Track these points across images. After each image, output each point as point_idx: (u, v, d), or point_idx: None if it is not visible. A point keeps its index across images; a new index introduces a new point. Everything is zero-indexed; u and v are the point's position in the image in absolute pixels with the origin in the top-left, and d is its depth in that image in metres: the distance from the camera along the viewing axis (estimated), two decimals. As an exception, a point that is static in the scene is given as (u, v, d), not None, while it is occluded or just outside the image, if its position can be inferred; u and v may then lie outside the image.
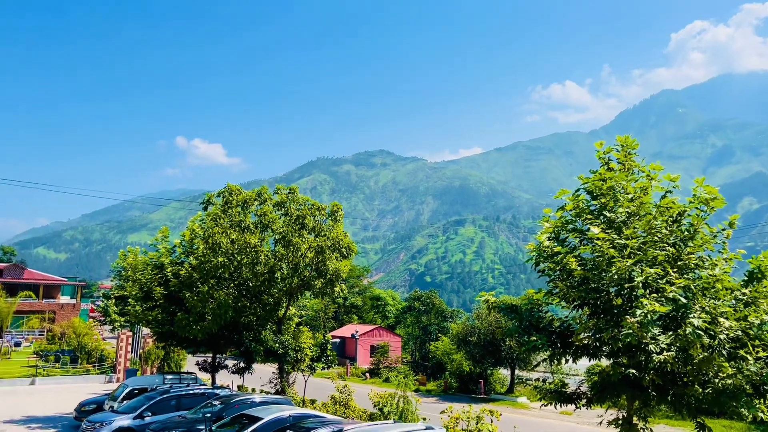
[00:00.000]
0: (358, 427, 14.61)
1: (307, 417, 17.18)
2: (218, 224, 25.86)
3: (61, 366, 44.46)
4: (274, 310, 27.78)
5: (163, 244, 30.82)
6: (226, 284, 27.14)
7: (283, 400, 21.51)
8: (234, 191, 26.99)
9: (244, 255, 25.86)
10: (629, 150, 12.58)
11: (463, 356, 45.69)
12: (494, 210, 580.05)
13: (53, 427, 24.66)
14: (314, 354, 28.09)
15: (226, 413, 19.06)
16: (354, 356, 63.95)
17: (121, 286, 42.91)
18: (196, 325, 25.99)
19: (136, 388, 24.76)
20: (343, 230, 27.41)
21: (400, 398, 21.40)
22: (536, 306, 13.63)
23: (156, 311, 27.91)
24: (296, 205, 27.20)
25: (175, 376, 27.62)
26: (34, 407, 29.58)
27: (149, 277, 28.93)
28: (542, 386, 13.95)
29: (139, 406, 21.17)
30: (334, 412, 23.32)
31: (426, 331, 65.81)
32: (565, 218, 12.84)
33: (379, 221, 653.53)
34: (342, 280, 27.51)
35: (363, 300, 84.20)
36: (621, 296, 11.46)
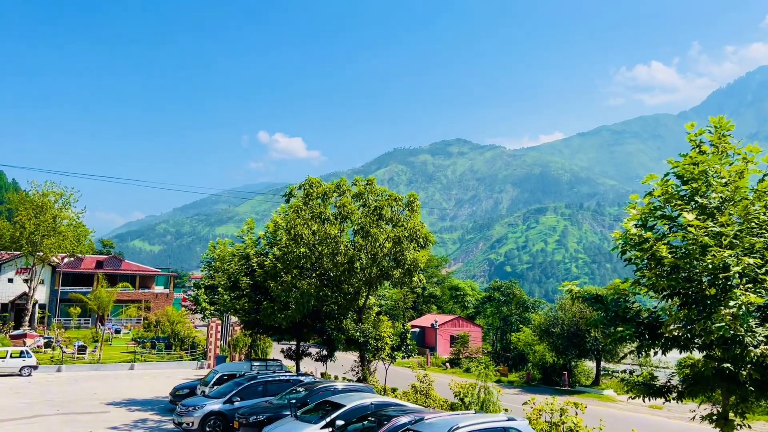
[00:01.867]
0: (439, 416, 14.65)
1: (388, 405, 17.39)
2: (300, 216, 26.51)
3: (157, 352, 47.11)
4: (354, 299, 28.23)
5: (249, 236, 32.00)
6: (308, 274, 27.82)
7: (365, 387, 21.85)
8: (314, 184, 27.56)
9: (325, 245, 26.39)
10: (723, 131, 11.84)
11: (545, 347, 44.80)
12: (577, 197, 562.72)
13: (151, 409, 26.21)
14: (394, 343, 28.33)
15: (310, 399, 19.59)
16: (434, 346, 64.04)
17: (210, 276, 44.80)
18: (281, 314, 26.82)
19: (226, 374, 25.85)
20: (420, 220, 27.40)
21: (481, 389, 21.28)
22: (623, 296, 13.12)
23: (243, 300, 29.04)
24: (374, 197, 27.44)
25: (262, 362, 28.62)
26: (133, 390, 31.54)
27: (236, 268, 30.14)
28: (629, 378, 13.48)
29: (229, 392, 22.09)
30: (414, 400, 23.48)
31: (507, 322, 64.98)
32: (653, 204, 12.26)
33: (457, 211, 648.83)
34: (420, 270, 27.53)
35: (442, 290, 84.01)
36: (715, 286, 10.85)
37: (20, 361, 36.20)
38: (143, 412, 25.54)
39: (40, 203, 55.24)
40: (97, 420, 23.27)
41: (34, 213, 54.39)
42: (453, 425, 12.70)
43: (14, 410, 24.82)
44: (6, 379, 34.16)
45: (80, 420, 23.22)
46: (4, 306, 64.26)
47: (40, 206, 55.01)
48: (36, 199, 55.76)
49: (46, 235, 54.58)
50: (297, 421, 17.33)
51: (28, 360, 36.56)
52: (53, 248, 55.53)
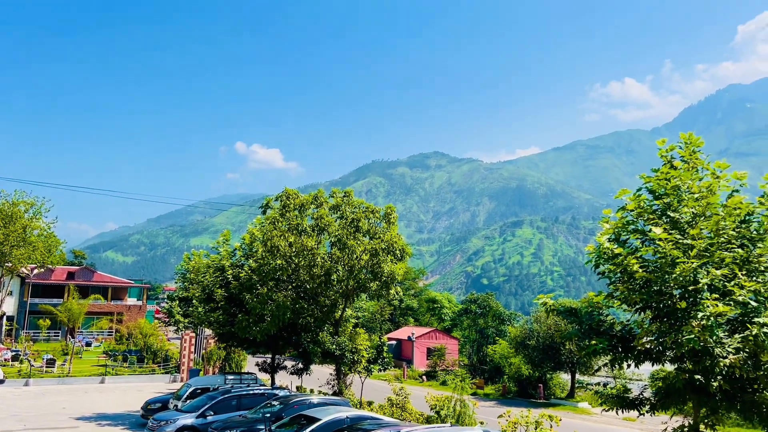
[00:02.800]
0: (414, 429, 14.59)
1: (364, 419, 17.27)
2: (276, 228, 26.38)
3: (129, 365, 46.26)
4: (330, 311, 28.10)
5: (224, 248, 31.71)
6: (284, 286, 27.64)
7: (341, 401, 21.71)
8: (291, 195, 27.47)
9: (302, 258, 26.27)
10: (694, 147, 12.11)
11: (521, 360, 44.98)
12: (553, 211, 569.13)
13: (122, 424, 25.68)
14: (370, 356, 28.23)
15: (285, 413, 19.39)
16: (410, 358, 63.89)
17: (184, 288, 44.27)
18: (256, 327, 26.57)
19: (199, 388, 25.49)
20: (398, 232, 27.45)
21: (456, 402, 21.27)
22: (596, 309, 13.27)
23: (217, 313, 28.70)
24: (351, 208, 27.45)
25: (236, 376, 28.29)
26: (103, 405, 30.90)
27: (211, 280, 29.79)
28: (603, 391, 13.63)
29: (202, 406, 21.79)
30: (390, 414, 23.38)
31: (483, 334, 65.14)
32: (626, 219, 12.48)
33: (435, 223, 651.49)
34: (397, 282, 27.54)
35: (419, 302, 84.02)
36: (685, 299, 11.04)
37: (-14, 374, 35.27)
38: (114, 427, 25.01)
39: (9, 213, 54.03)
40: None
41: (4, 223, 53.15)
42: (428, 438, 12.66)
43: (-21, 426, 24.14)
44: (-29, 394, 33.25)
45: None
46: (-29, 318, 62.63)
47: (9, 216, 53.80)
48: (5, 208, 54.51)
49: (16, 245, 53.38)
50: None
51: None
52: (23, 259, 54.34)
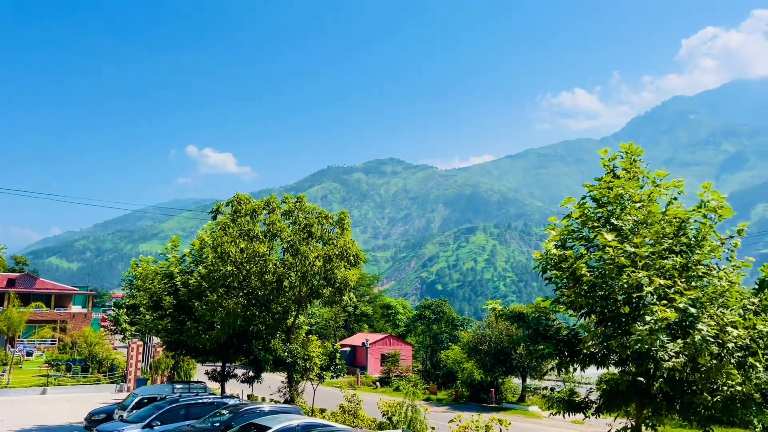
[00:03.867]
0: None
1: (315, 426, 17.15)
2: (227, 233, 25.98)
3: (72, 375, 44.65)
4: (283, 318, 27.81)
5: (173, 254, 30.99)
6: (235, 293, 27.20)
7: (292, 409, 21.48)
8: (243, 200, 27.11)
9: (253, 264, 25.92)
10: (634, 157, 12.50)
11: (474, 365, 45.47)
12: (505, 217, 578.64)
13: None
14: (323, 363, 28.06)
15: (235, 422, 19.06)
16: (365, 365, 63.80)
17: (131, 295, 43.14)
18: (205, 334, 26.06)
19: (146, 398, 24.81)
20: (351, 238, 27.43)
21: (408, 407, 21.32)
22: (544, 314, 13.52)
23: (166, 320, 28.02)
24: (304, 214, 27.27)
25: (185, 385, 27.67)
26: (45, 416, 29.73)
27: (159, 287, 29.06)
28: (551, 395, 13.85)
29: (149, 416, 21.20)
30: (343, 421, 23.27)
31: (437, 340, 65.60)
32: (571, 226, 12.78)
33: (390, 229, 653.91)
34: (351, 288, 27.48)
35: (373, 308, 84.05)
36: (629, 304, 11.36)
37: None
38: (55, 439, 24.09)
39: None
40: (2, 450, 21.75)
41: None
42: (379, 445, 12.64)
43: None
44: None
45: (-17, 450, 21.65)
46: None
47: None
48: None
49: (-48, 251, 51.09)
50: (220, 446, 16.80)
51: (-73, 386, 33.85)
52: (-41, 265, 52.02)
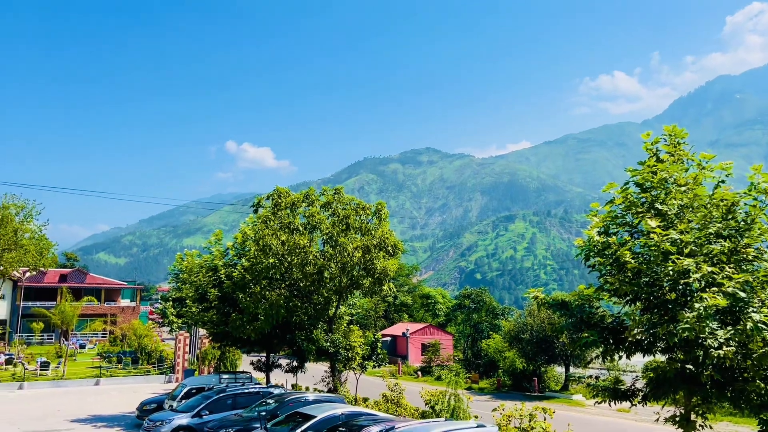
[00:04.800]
0: (409, 425, 14.67)
1: (359, 415, 17.35)
2: (268, 226, 26.37)
3: (123, 367, 46.14)
4: (324, 309, 28.13)
5: (217, 247, 31.67)
6: (277, 285, 27.63)
7: (336, 398, 21.78)
8: (282, 194, 27.46)
9: (294, 256, 26.27)
10: (678, 139, 12.20)
11: (515, 354, 45.19)
12: (545, 205, 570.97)
13: (117, 425, 25.65)
14: (365, 352, 28.29)
15: (281, 411, 19.43)
16: (405, 354, 64.06)
17: (177, 288, 44.14)
18: (250, 326, 26.57)
19: (194, 388, 25.45)
20: (389, 229, 27.51)
21: (451, 396, 21.37)
22: (587, 302, 13.37)
23: (211, 312, 28.69)
24: (342, 206, 27.47)
25: (231, 375, 28.27)
26: (99, 406, 30.83)
27: (204, 280, 29.77)
28: (596, 383, 13.73)
29: (197, 405, 21.77)
30: (386, 410, 23.46)
31: (477, 329, 65.35)
32: (614, 212, 12.57)
33: (427, 219, 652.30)
34: (390, 278, 27.58)
35: (413, 298, 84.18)
36: (675, 291, 11.15)
37: (-20, 379, 35.10)
38: (109, 428, 24.98)
39: (0, 216, 53.75)
40: (60, 438, 22.69)
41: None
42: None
43: (-27, 430, 24.06)
44: (-36, 399, 33.11)
45: (43, 438, 22.62)
46: (-37, 323, 62.25)
47: (0, 219, 53.52)
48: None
49: (7, 248, 53.10)
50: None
51: (-12, 378, 35.47)
52: (14, 262, 54.06)
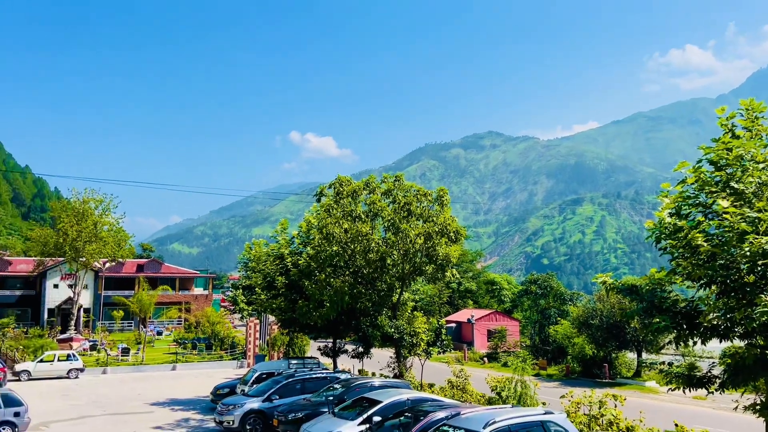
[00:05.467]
0: (475, 410, 14.61)
1: (424, 400, 17.42)
2: (331, 215, 26.73)
3: (198, 353, 48.04)
4: (388, 295, 28.32)
5: (282, 236, 32.43)
6: (341, 272, 28.02)
7: (402, 383, 21.93)
8: (344, 182, 27.74)
9: (357, 243, 26.54)
10: (756, 114, 11.49)
11: (584, 340, 44.23)
12: (614, 186, 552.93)
13: (193, 409, 26.77)
14: (429, 338, 28.34)
15: (348, 396, 19.75)
16: (471, 341, 63.77)
17: (247, 276, 45.48)
18: (316, 312, 27.09)
19: (264, 373, 26.21)
20: (451, 215, 27.33)
21: (517, 382, 21.12)
22: (659, 286, 12.87)
23: (279, 299, 29.44)
24: (402, 192, 27.48)
25: (299, 360, 28.95)
26: (176, 390, 32.26)
27: (271, 268, 30.57)
28: (669, 370, 13.24)
29: (268, 390, 22.40)
30: (451, 396, 23.47)
31: (545, 315, 64.27)
32: (686, 192, 12.00)
33: (491, 204, 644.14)
34: (453, 265, 27.45)
35: (477, 285, 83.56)
36: (754, 273, 10.57)
37: (67, 364, 37.35)
38: (186, 411, 26.10)
39: (81, 210, 56.71)
40: (141, 420, 23.88)
41: (76, 220, 55.86)
42: (489, 419, 12.63)
43: (63, 412, 25.66)
44: (54, 382, 35.31)
45: (126, 420, 23.88)
46: (51, 311, 66.32)
47: (81, 213, 56.47)
48: (77, 206, 57.28)
49: (88, 241, 56.01)
50: (335, 418, 17.50)
51: (75, 363, 37.69)
52: (95, 254, 56.97)
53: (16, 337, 48.17)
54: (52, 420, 23.63)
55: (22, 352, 41.01)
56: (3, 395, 20.25)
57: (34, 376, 36.34)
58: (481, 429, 12.37)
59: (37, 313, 66.91)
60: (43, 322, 64.61)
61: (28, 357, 39.92)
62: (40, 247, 57.73)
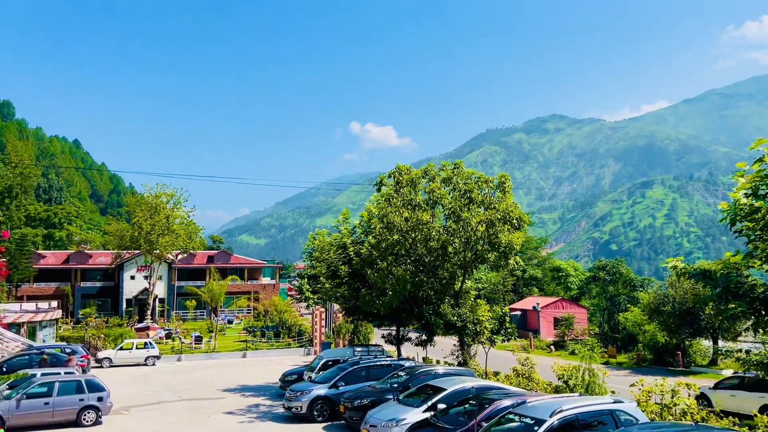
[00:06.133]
0: (541, 399, 14.45)
1: (489, 388, 17.34)
2: (391, 204, 26.82)
3: (267, 340, 49.42)
4: (450, 284, 28.24)
5: (345, 226, 32.88)
6: (403, 260, 28.13)
7: (466, 371, 21.90)
8: (403, 171, 27.75)
9: (417, 232, 26.55)
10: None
11: (656, 327, 42.77)
12: (686, 168, 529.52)
13: (263, 395, 27.61)
14: (493, 327, 28.11)
15: (412, 383, 19.90)
16: (536, 329, 62.79)
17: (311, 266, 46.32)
18: (379, 300, 27.35)
19: (330, 360, 26.75)
20: (514, 201, 26.91)
21: (585, 371, 20.68)
22: (734, 270, 12.29)
23: (342, 288, 29.90)
24: (462, 180, 27.25)
25: (364, 348, 29.32)
26: (246, 377, 33.33)
27: (335, 257, 31.10)
28: (747, 358, 12.70)
29: (334, 377, 22.84)
30: (516, 384, 23.23)
31: (614, 302, 62.47)
32: (765, 171, 11.37)
33: (556, 189, 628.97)
34: (516, 252, 27.05)
35: (542, 272, 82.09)
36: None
37: (145, 351, 39.21)
38: (256, 397, 26.95)
39: (153, 204, 59.17)
40: (215, 405, 24.83)
41: (149, 214, 58.34)
42: (556, 408, 12.47)
43: (142, 397, 26.99)
44: (133, 369, 37.15)
45: (200, 405, 24.88)
46: (129, 301, 69.76)
47: (154, 207, 58.92)
48: (150, 200, 59.80)
49: (161, 233, 58.40)
50: (399, 405, 17.67)
51: (152, 351, 39.51)
52: (168, 246, 59.35)
53: (98, 326, 50.97)
54: (132, 405, 24.90)
55: (104, 341, 43.34)
56: (87, 381, 21.51)
57: (114, 363, 38.36)
58: (548, 417, 12.22)
59: (116, 303, 70.52)
60: (122, 311, 68.06)
61: (108, 345, 42.13)
62: (117, 240, 60.68)
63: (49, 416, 20.19)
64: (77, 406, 20.56)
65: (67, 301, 69.07)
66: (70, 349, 32.11)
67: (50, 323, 45.20)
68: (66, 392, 20.61)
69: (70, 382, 21.29)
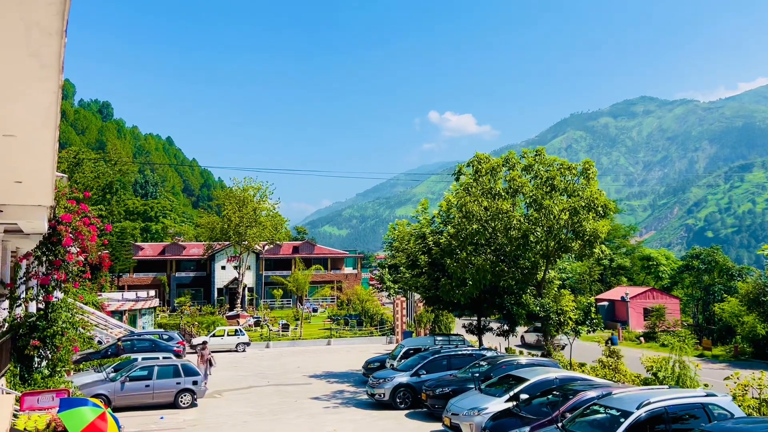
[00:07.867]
0: (627, 391, 14.10)
1: (573, 379, 17.08)
2: (470, 193, 26.70)
3: (350, 328, 50.50)
4: (532, 273, 27.81)
5: (424, 216, 33.05)
6: (483, 250, 27.95)
7: (549, 362, 21.60)
8: (482, 160, 27.53)
9: (497, 221, 26.29)
10: None
11: (755, 318, 40.32)
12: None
13: (347, 381, 28.32)
14: (578, 317, 27.48)
15: (494, 373, 19.85)
16: (625, 320, 60.60)
17: (392, 255, 46.89)
18: (458, 290, 27.36)
19: (412, 349, 27.05)
20: (599, 188, 26.11)
21: (676, 363, 19.92)
22: (841, 258, 11.49)
23: (422, 278, 30.12)
24: (544, 167, 26.69)
25: (445, 337, 29.45)
26: (330, 364, 34.25)
27: (414, 247, 31.34)
28: None
29: (415, 365, 23.11)
30: (602, 375, 22.65)
31: (708, 292, 59.39)
32: None
33: (646, 175, 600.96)
34: (602, 240, 26.26)
35: (631, 261, 79.00)
36: None
37: (236, 338, 41.07)
38: (340, 383, 27.68)
39: (242, 197, 61.68)
40: (301, 390, 25.74)
41: (238, 207, 60.88)
42: (643, 400, 12.15)
43: (233, 381, 28.36)
44: (225, 355, 38.97)
45: (288, 390, 25.87)
46: (220, 290, 73.12)
47: (242, 200, 61.43)
48: (238, 194, 62.38)
49: (249, 225, 60.83)
50: (481, 394, 17.70)
51: (242, 338, 41.33)
52: (255, 237, 61.73)
53: (192, 314, 53.80)
54: (225, 389, 26.22)
55: (197, 328, 45.73)
56: (183, 366, 22.87)
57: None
58: (635, 409, 11.94)
59: (208, 292, 74.12)
60: (214, 300, 71.48)
61: (202, 332, 44.42)
62: (208, 232, 63.69)
63: (149, 397, 21.63)
64: (174, 389, 21.89)
65: (164, 290, 73.27)
66: (167, 335, 34.13)
67: (149, 311, 48.21)
68: (164, 376, 21.99)
69: (168, 366, 22.70)
